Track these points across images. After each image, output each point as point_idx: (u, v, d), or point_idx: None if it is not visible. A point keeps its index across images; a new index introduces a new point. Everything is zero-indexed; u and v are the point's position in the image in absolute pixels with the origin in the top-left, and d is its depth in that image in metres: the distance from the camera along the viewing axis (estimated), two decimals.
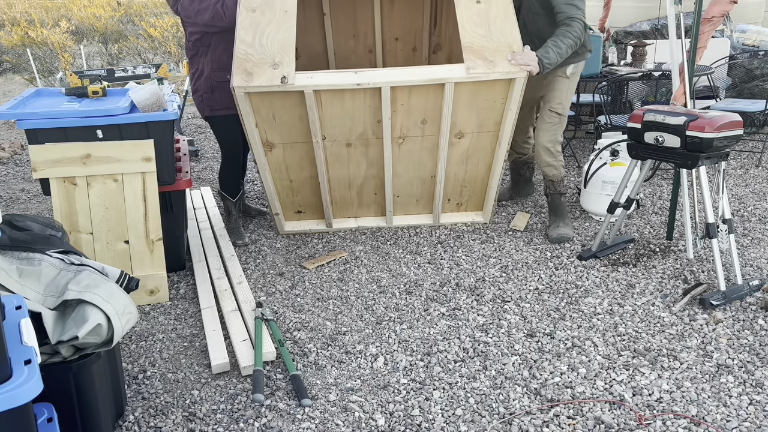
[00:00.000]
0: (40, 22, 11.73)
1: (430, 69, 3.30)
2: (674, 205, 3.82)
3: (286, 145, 3.56)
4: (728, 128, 3.11)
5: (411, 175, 3.81)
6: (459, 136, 3.60)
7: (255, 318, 2.97)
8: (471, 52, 3.31)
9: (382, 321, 3.06)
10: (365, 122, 3.44)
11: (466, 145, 3.69)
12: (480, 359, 2.73)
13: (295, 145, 3.56)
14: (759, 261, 3.56)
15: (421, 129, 3.52)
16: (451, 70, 3.27)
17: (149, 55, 11.23)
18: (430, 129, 3.53)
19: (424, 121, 3.49)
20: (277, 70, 3.19)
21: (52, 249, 2.32)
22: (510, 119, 3.51)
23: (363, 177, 3.81)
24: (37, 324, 1.98)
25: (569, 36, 3.53)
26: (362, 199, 3.98)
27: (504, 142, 3.66)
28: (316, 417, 2.40)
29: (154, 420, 2.41)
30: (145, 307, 3.25)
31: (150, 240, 3.22)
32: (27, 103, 3.45)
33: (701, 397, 2.45)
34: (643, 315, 3.05)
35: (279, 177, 3.77)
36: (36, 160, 3.03)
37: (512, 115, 3.49)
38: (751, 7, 7.22)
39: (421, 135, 3.55)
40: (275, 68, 3.19)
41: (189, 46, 3.72)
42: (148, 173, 3.16)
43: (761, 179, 4.97)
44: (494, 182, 3.89)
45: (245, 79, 3.17)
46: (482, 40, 3.34)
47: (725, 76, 6.30)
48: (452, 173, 3.85)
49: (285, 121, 3.41)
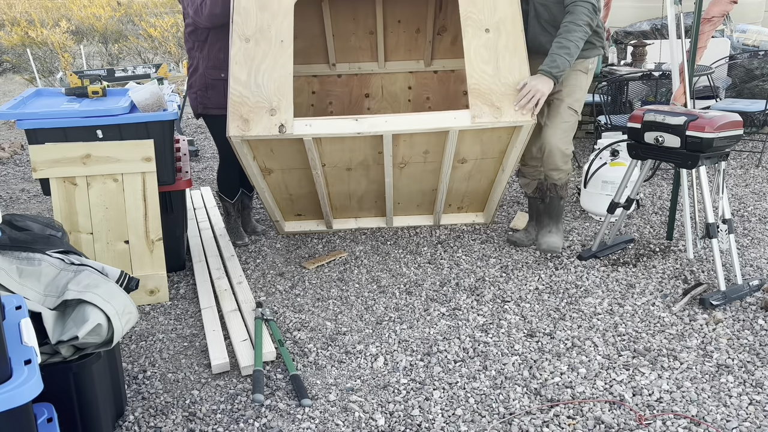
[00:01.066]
0: (40, 22, 11.73)
1: (433, 117, 3.15)
2: (674, 205, 3.82)
3: (284, 170, 3.50)
4: (728, 128, 3.11)
5: (412, 188, 3.78)
6: (462, 161, 3.52)
7: (255, 318, 2.97)
8: (477, 95, 3.16)
9: (382, 321, 3.06)
10: (366, 153, 3.36)
11: (469, 168, 3.63)
12: (480, 359, 2.73)
13: (294, 170, 3.50)
14: (759, 261, 3.56)
15: (424, 157, 3.43)
16: (455, 118, 3.13)
17: (149, 55, 11.23)
18: (433, 157, 3.45)
19: (426, 152, 3.41)
20: (274, 117, 3.06)
21: (52, 249, 2.32)
22: (515, 153, 3.39)
23: (363, 191, 3.77)
24: (37, 324, 1.98)
25: (575, 27, 3.19)
26: (362, 205, 3.96)
27: (508, 169, 3.56)
28: (316, 417, 2.40)
29: (154, 420, 2.41)
30: (145, 307, 3.25)
31: (150, 240, 3.22)
32: (27, 103, 3.45)
33: (701, 397, 2.45)
34: (643, 315, 3.05)
35: (278, 193, 3.73)
36: (36, 160, 3.03)
37: (517, 151, 3.38)
38: (751, 7, 7.23)
39: (423, 161, 3.48)
40: (272, 114, 3.06)
41: (185, 37, 3.66)
42: (148, 173, 3.16)
43: (761, 179, 4.97)
44: (498, 189, 3.80)
45: (242, 128, 3.04)
46: (489, 81, 3.18)
47: (725, 76, 6.30)
48: (454, 187, 3.80)
49: (283, 154, 3.34)
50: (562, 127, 3.44)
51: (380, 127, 3.06)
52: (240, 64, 3.10)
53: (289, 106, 3.07)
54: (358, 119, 3.06)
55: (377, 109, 4.42)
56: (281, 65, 3.10)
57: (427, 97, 4.42)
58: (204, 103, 3.65)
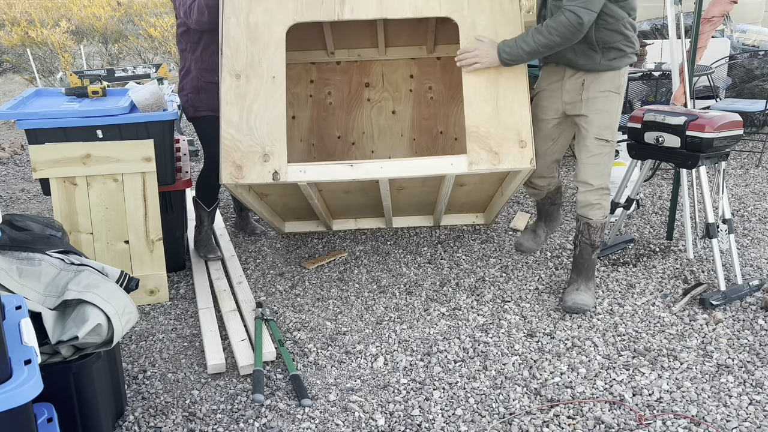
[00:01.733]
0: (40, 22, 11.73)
1: (429, 162, 3.03)
2: (674, 205, 3.82)
3: (281, 194, 3.46)
4: (728, 128, 3.11)
5: (411, 202, 3.74)
6: (461, 185, 3.48)
7: (255, 318, 2.97)
8: (475, 139, 2.99)
9: (382, 321, 3.06)
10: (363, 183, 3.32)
11: (468, 188, 3.59)
12: (480, 359, 2.73)
13: (291, 195, 3.45)
14: (759, 261, 3.56)
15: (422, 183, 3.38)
16: (452, 164, 3.01)
17: (149, 55, 11.22)
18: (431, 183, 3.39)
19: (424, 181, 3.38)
20: (268, 163, 2.95)
21: (52, 249, 2.32)
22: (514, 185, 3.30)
23: (362, 204, 3.74)
24: (37, 324, 1.98)
25: (547, 30, 2.78)
26: (361, 213, 3.94)
27: (507, 193, 3.47)
28: (316, 417, 2.40)
29: (154, 420, 2.41)
30: (145, 307, 3.25)
31: (150, 240, 3.22)
32: (27, 103, 3.45)
33: (701, 397, 2.45)
34: (643, 315, 3.05)
35: (275, 208, 3.71)
36: (36, 160, 3.03)
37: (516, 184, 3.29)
38: (751, 7, 7.23)
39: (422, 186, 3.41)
40: (266, 160, 2.95)
41: (177, 38, 3.52)
42: (148, 173, 3.16)
43: (761, 179, 4.97)
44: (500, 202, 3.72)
45: (235, 175, 2.96)
46: (488, 123, 3.00)
47: (725, 76, 6.31)
48: (454, 199, 3.77)
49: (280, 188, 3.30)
50: (590, 161, 3.02)
51: (376, 174, 2.98)
52: (231, 104, 2.97)
53: (282, 151, 2.97)
54: (353, 165, 2.97)
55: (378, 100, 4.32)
56: (273, 105, 2.97)
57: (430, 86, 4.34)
58: (195, 105, 3.49)
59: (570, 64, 3.00)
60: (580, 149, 3.06)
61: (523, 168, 3.01)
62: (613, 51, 2.92)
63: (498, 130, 3.00)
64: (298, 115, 4.03)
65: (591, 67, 2.94)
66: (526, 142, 3.00)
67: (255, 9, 3.00)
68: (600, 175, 3.02)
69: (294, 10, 2.98)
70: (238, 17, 3.00)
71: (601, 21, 2.83)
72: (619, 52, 2.92)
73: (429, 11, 3.01)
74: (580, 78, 2.99)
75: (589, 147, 3.01)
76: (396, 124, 4.04)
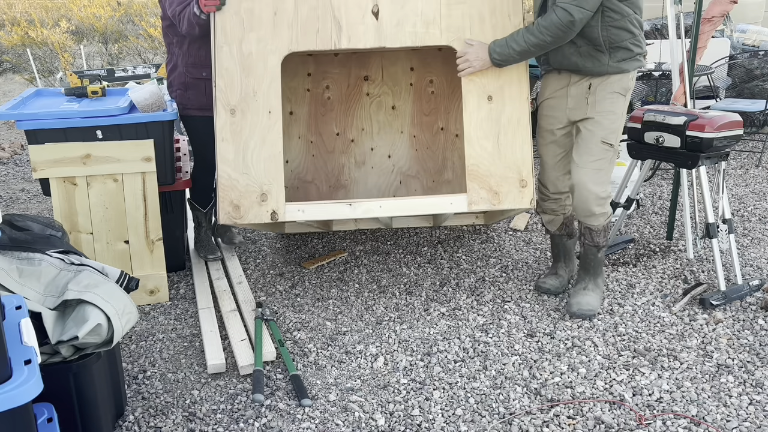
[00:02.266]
0: (40, 22, 11.72)
1: (429, 202, 3.01)
2: (674, 205, 3.82)
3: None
4: (728, 128, 3.11)
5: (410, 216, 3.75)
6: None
7: (255, 318, 2.97)
8: (475, 178, 2.94)
9: (382, 321, 3.06)
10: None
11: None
12: (480, 359, 2.73)
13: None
14: (759, 261, 3.56)
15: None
16: (451, 203, 2.99)
17: (149, 55, 11.22)
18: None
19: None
20: (265, 203, 2.92)
21: (52, 249, 2.32)
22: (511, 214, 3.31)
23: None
24: (37, 324, 1.98)
25: (538, 29, 2.70)
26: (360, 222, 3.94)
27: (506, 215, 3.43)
28: (316, 417, 2.40)
29: (154, 420, 2.41)
30: (145, 307, 3.25)
31: (150, 240, 3.22)
32: (27, 104, 3.45)
33: (701, 397, 2.45)
34: (643, 315, 3.05)
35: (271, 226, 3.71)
36: (36, 160, 3.03)
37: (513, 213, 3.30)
38: (751, 7, 7.24)
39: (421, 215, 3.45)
40: (263, 200, 2.92)
41: (164, 31, 3.41)
42: (148, 173, 3.15)
43: (761, 179, 4.97)
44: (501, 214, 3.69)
45: (233, 215, 2.94)
46: (489, 161, 2.94)
47: (725, 76, 6.31)
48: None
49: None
50: (593, 166, 2.86)
51: (374, 213, 2.96)
52: (227, 141, 2.90)
53: (280, 190, 2.93)
54: (351, 204, 2.95)
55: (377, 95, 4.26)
56: (270, 143, 2.90)
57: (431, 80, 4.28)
58: (183, 103, 3.40)
59: (575, 70, 2.89)
60: (581, 153, 2.89)
61: (522, 207, 3.00)
62: (621, 51, 2.80)
63: (498, 169, 2.95)
64: (295, 111, 3.99)
65: (598, 70, 2.83)
66: (527, 181, 2.95)
67: (248, 38, 2.90)
68: (601, 182, 2.89)
69: (289, 40, 2.90)
70: (230, 46, 2.90)
71: (606, 18, 2.74)
72: (627, 52, 2.81)
73: (430, 40, 2.93)
74: (587, 82, 2.88)
75: (593, 151, 2.86)
76: (396, 120, 4.02)
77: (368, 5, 2.89)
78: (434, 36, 2.93)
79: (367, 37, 2.92)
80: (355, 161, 3.93)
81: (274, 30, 2.91)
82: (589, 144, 2.87)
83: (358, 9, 2.89)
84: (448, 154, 3.90)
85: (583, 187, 2.88)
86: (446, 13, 2.92)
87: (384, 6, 2.90)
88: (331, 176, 4.01)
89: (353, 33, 2.91)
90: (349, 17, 2.89)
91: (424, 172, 4.03)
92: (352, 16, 2.90)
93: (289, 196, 3.99)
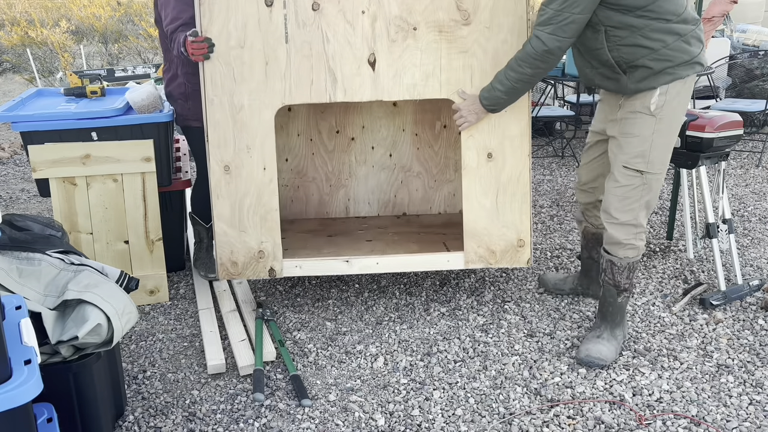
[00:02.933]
0: (40, 22, 11.72)
1: (426, 259, 3.00)
2: (674, 205, 3.82)
3: None
4: (728, 128, 3.11)
5: None
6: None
7: (255, 318, 2.97)
8: (473, 237, 2.92)
9: (382, 321, 3.06)
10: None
11: None
12: (480, 359, 2.73)
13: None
14: (759, 261, 3.56)
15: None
16: (448, 261, 2.98)
17: (149, 55, 11.22)
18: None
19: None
20: (263, 260, 2.90)
21: (52, 249, 2.32)
22: None
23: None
24: (37, 324, 1.98)
25: (516, 63, 2.55)
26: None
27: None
28: (316, 417, 2.40)
29: (154, 420, 2.41)
30: (145, 307, 3.25)
31: (150, 240, 3.22)
32: (26, 104, 3.43)
33: (701, 397, 2.45)
34: (643, 315, 3.05)
35: None
36: (35, 161, 3.03)
37: None
38: (751, 7, 7.24)
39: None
40: (261, 257, 2.90)
41: (161, 38, 3.25)
42: (148, 173, 3.15)
43: (761, 179, 4.97)
44: None
45: (231, 272, 2.93)
46: (487, 220, 2.89)
47: (725, 76, 6.31)
48: None
49: None
50: (617, 192, 2.57)
51: (371, 270, 2.97)
52: (222, 198, 2.85)
53: (277, 247, 2.92)
54: (349, 260, 2.95)
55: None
56: (266, 200, 2.85)
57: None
58: (184, 114, 3.26)
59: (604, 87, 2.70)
60: (608, 176, 2.64)
61: (519, 266, 2.99)
62: (639, 70, 2.45)
63: (496, 228, 2.91)
64: (294, 108, 3.98)
65: (621, 90, 2.56)
66: (525, 241, 2.93)
67: (239, 90, 2.79)
68: (627, 210, 2.56)
69: (282, 92, 2.78)
70: (221, 98, 2.79)
71: (612, 38, 2.46)
72: (647, 70, 2.44)
73: (429, 93, 2.80)
74: (618, 98, 2.62)
75: (616, 176, 2.57)
76: (397, 118, 4.01)
77: (364, 54, 2.76)
78: (433, 89, 2.81)
79: (363, 90, 2.79)
80: (355, 159, 3.91)
81: (266, 82, 2.78)
82: (612, 168, 2.61)
83: (354, 59, 2.76)
84: (450, 153, 3.89)
85: (607, 213, 2.63)
86: (446, 64, 2.78)
87: (381, 55, 2.76)
88: (332, 175, 4.00)
89: (349, 85, 2.78)
90: (345, 68, 2.76)
91: (425, 172, 4.02)
92: (348, 66, 2.76)
93: (290, 196, 3.98)
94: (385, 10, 2.73)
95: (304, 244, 3.36)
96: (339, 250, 3.12)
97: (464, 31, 2.78)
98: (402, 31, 2.74)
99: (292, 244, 3.36)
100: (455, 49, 2.76)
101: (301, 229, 3.85)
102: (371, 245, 3.26)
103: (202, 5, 2.70)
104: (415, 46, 2.76)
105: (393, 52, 2.77)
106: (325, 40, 2.74)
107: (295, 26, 2.73)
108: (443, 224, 3.71)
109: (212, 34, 2.74)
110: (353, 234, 3.57)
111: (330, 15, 2.72)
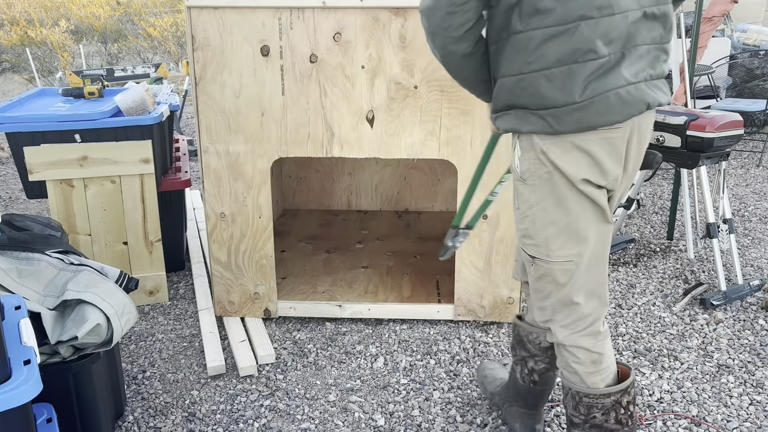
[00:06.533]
0: (39, 22, 11.72)
1: (416, 309, 2.99)
2: (675, 205, 3.82)
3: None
4: (729, 128, 3.11)
5: None
6: None
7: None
8: (464, 294, 2.93)
9: (382, 321, 3.06)
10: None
11: None
12: (480, 359, 2.73)
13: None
14: (759, 261, 3.56)
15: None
16: (438, 311, 2.97)
17: (149, 55, 11.22)
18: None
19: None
20: (258, 301, 2.97)
21: (52, 249, 2.32)
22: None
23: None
24: (36, 324, 1.98)
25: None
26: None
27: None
28: (315, 417, 2.39)
29: (153, 420, 2.41)
30: (144, 307, 3.25)
31: (149, 241, 3.21)
32: (24, 104, 3.42)
33: (702, 398, 2.45)
34: (643, 315, 3.05)
35: None
36: (31, 162, 3.01)
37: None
38: (751, 7, 7.24)
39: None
40: (256, 299, 2.97)
41: None
42: (147, 175, 3.14)
43: (762, 179, 4.97)
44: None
45: (228, 310, 3.00)
46: (478, 278, 2.89)
47: (726, 76, 6.31)
48: None
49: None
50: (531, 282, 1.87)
51: (363, 315, 3.01)
52: (218, 243, 2.90)
53: (273, 291, 2.96)
54: (342, 305, 2.98)
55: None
56: (262, 246, 2.89)
57: None
58: None
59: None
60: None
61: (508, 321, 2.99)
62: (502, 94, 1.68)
63: (487, 287, 2.91)
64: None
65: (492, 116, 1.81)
66: (514, 298, 2.93)
67: (235, 140, 2.76)
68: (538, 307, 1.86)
69: (278, 144, 2.74)
70: (216, 146, 2.78)
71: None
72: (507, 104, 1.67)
73: (427, 153, 2.72)
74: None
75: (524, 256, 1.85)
76: None
77: (363, 110, 2.67)
78: (432, 149, 2.72)
79: (361, 146, 2.72)
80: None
81: (261, 134, 2.75)
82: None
83: (352, 115, 2.68)
84: None
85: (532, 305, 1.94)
86: (447, 123, 2.68)
87: (380, 113, 2.67)
88: (334, 170, 4.01)
89: (346, 141, 2.71)
90: (342, 123, 2.69)
91: (428, 168, 4.02)
92: (346, 121, 2.69)
93: (293, 187, 3.97)
94: (386, 67, 2.63)
95: (302, 267, 3.39)
96: (333, 291, 3.13)
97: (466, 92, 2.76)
98: (402, 89, 2.65)
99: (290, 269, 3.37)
100: (456, 109, 2.67)
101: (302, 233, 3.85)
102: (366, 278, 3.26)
103: (195, 51, 2.65)
104: (415, 105, 2.67)
105: (392, 110, 2.67)
106: (323, 93, 2.67)
107: (292, 78, 2.66)
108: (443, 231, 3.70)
109: (206, 80, 2.69)
110: (350, 250, 3.58)
111: (328, 68, 2.64)
